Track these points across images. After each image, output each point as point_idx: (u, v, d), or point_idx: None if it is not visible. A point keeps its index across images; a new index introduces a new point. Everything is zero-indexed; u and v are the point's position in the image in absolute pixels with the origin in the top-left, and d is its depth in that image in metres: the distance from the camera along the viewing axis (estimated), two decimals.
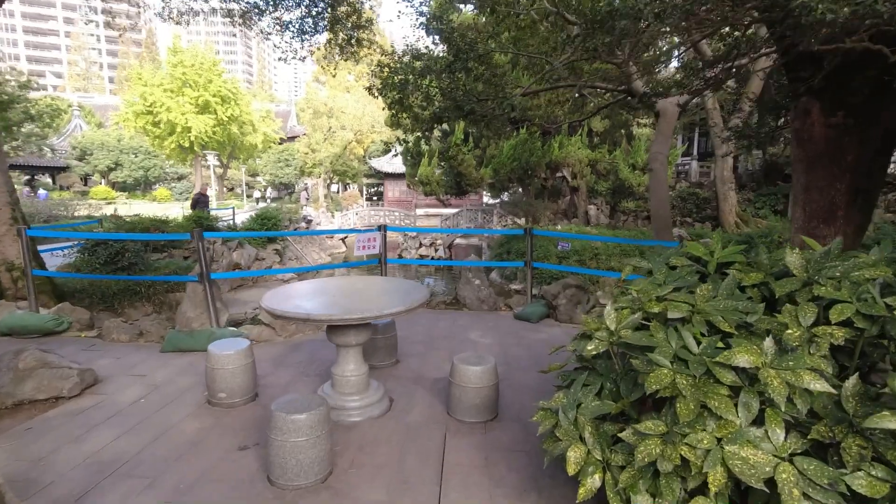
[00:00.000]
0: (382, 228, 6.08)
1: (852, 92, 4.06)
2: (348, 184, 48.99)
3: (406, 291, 3.40)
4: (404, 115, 10.62)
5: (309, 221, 22.98)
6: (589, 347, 2.08)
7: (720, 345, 1.91)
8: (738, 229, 17.50)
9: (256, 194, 43.29)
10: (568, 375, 2.72)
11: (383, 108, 9.86)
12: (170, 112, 27.62)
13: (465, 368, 3.24)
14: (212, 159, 27.45)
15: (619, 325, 2.12)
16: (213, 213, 18.40)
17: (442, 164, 18.46)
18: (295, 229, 21.13)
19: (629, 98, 7.61)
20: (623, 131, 23.83)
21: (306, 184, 44.96)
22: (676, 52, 9.31)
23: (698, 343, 1.94)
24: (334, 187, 52.26)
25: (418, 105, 9.75)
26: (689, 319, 2.06)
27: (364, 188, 47.74)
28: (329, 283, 3.74)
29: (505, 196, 23.76)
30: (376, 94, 9.44)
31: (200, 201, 15.74)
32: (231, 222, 16.94)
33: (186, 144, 29.27)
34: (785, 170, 20.02)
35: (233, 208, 17.96)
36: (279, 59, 12.32)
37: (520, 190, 21.17)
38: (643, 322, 2.12)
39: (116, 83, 74.88)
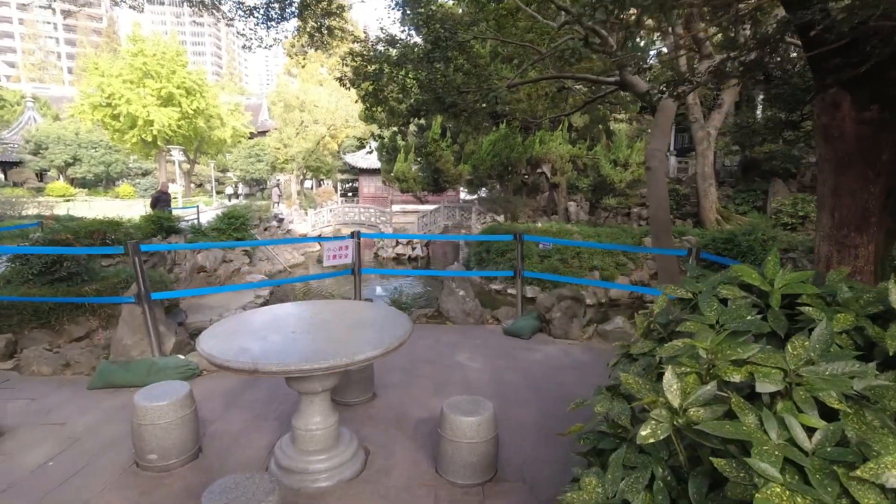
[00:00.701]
0: (355, 235, 5.40)
1: (892, 82, 3.58)
2: (322, 180, 47.77)
3: (384, 324, 2.74)
4: (379, 108, 9.92)
5: (280, 220, 21.99)
6: (643, 433, 1.48)
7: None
8: (719, 226, 17.34)
9: (228, 190, 41.66)
10: (592, 437, 2.12)
11: (356, 101, 9.12)
12: (130, 104, 26.11)
13: (458, 420, 2.61)
14: (177, 155, 26.08)
15: (686, 401, 1.52)
16: (175, 212, 17.30)
17: (419, 159, 17.78)
18: (265, 229, 20.15)
19: (622, 92, 7.10)
20: (601, 126, 23.56)
21: (278, 180, 43.59)
22: (664, 41, 8.85)
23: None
24: (308, 183, 50.89)
25: (394, 98, 9.06)
26: (785, 393, 1.47)
27: (339, 184, 46.59)
28: (289, 312, 3.06)
29: (483, 192, 23.22)
30: (348, 86, 8.71)
31: (161, 200, 14.68)
32: (195, 222, 15.89)
33: (149, 139, 27.79)
34: (762, 166, 20.00)
35: (197, 207, 16.90)
36: (243, 47, 11.42)
37: (497, 186, 20.65)
38: (719, 393, 1.53)
39: (75, 74, 71.36)
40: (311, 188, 48.66)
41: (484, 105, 6.87)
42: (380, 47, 8.81)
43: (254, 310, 3.09)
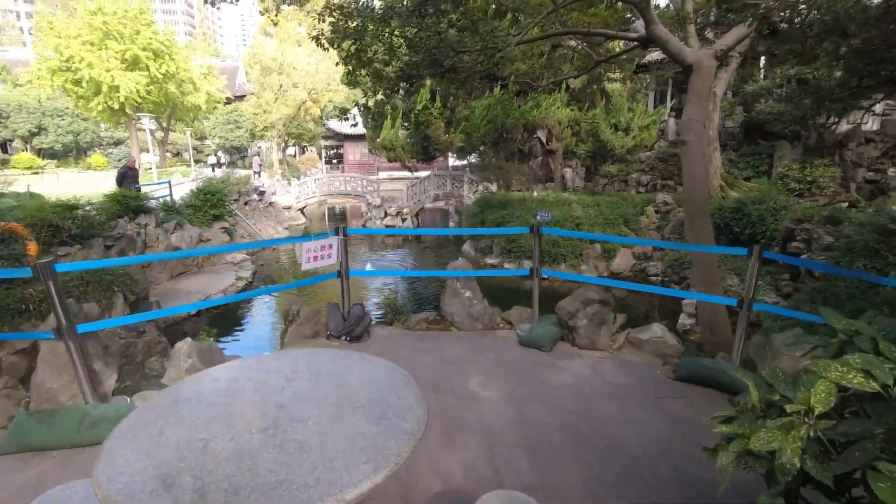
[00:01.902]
0: (341, 232, 4.49)
1: None
2: (305, 147, 45.95)
3: (383, 406, 1.89)
4: (363, 71, 8.78)
5: (262, 193, 20.75)
6: None
7: None
8: (723, 193, 16.58)
9: (211, 160, 39.74)
10: None
11: (337, 64, 7.99)
12: (92, 68, 24.14)
13: None
14: (147, 122, 24.35)
15: None
16: (145, 189, 16.03)
17: (405, 125, 16.54)
18: (245, 203, 18.99)
19: (651, 52, 6.13)
20: (596, 87, 22.32)
21: (260, 147, 41.71)
22: None
23: None
24: (291, 150, 48.99)
25: (380, 59, 7.94)
26: None
27: (323, 151, 44.86)
28: (250, 379, 2.18)
29: (473, 158, 22.09)
30: (326, 46, 7.56)
31: (128, 176, 13.45)
32: (167, 198, 14.72)
33: (116, 106, 25.93)
34: (766, 127, 19.11)
35: (168, 182, 15.66)
36: (205, 1, 10.09)
37: (490, 153, 19.56)
38: None
39: (35, 35, 66.97)
40: (295, 156, 46.86)
41: (490, 66, 5.87)
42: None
43: (201, 375, 2.22)
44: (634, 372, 4.01)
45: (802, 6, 5.85)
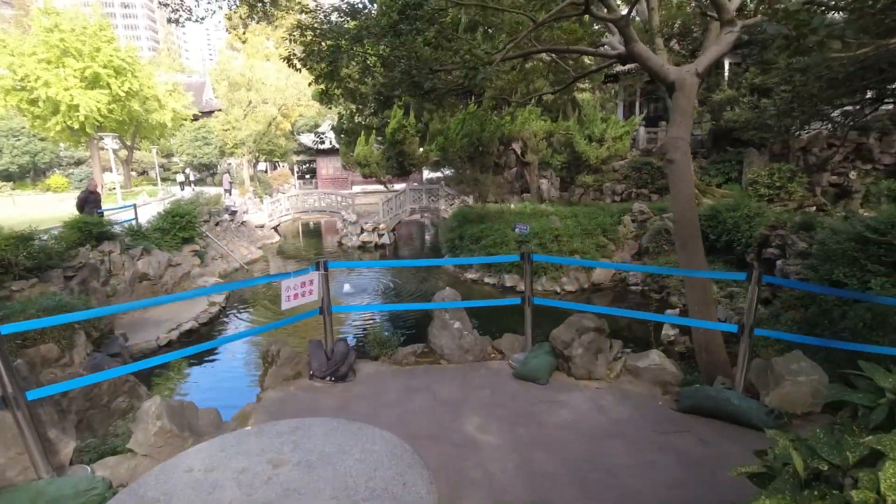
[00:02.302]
0: (321, 266, 4.20)
1: None
2: (277, 162, 45.19)
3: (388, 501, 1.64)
4: (337, 90, 8.54)
5: (233, 213, 20.13)
6: None
7: None
8: (696, 200, 16.85)
9: (180, 178, 38.53)
10: None
11: (310, 84, 7.71)
12: (49, 87, 23.19)
13: None
14: (110, 142, 23.49)
15: None
16: (107, 213, 15.32)
17: (379, 140, 16.29)
18: (216, 224, 18.37)
19: (627, 65, 6.08)
20: (567, 98, 22.56)
21: (230, 164, 40.74)
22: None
23: None
24: (262, 166, 48.06)
25: (354, 78, 7.71)
26: None
27: (295, 166, 44.18)
28: (233, 469, 1.90)
29: (448, 171, 22.00)
30: (298, 67, 7.30)
31: (89, 201, 12.79)
32: (133, 223, 14.09)
33: (76, 126, 24.94)
34: (734, 135, 19.60)
35: (133, 205, 15.01)
36: (169, 20, 9.71)
37: (468, 167, 19.49)
38: None
39: None
40: (266, 171, 46.00)
41: (467, 84, 5.70)
42: (334, 17, 7.39)
43: (171, 466, 1.92)
44: (636, 404, 3.84)
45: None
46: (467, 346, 4.72)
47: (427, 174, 33.71)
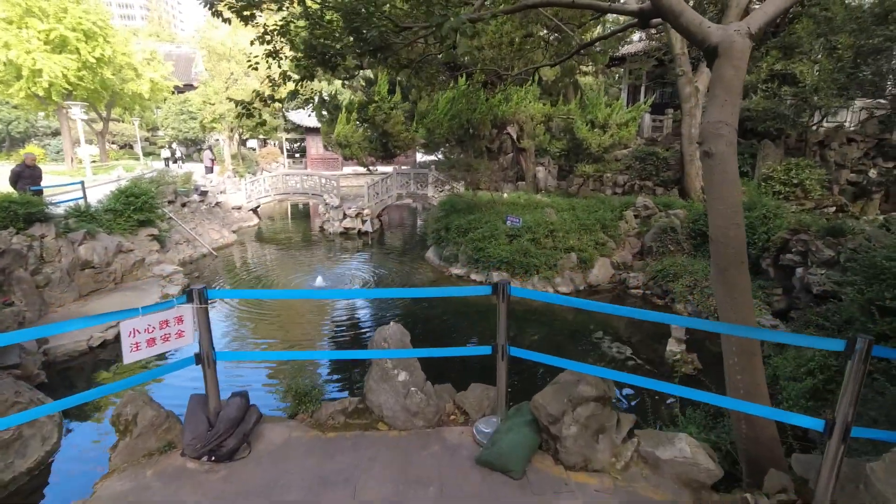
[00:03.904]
0: (195, 297, 2.83)
1: None
2: (266, 139, 43.40)
3: None
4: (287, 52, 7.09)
5: (203, 193, 18.63)
6: None
7: None
8: (704, 196, 15.50)
9: (165, 153, 36.71)
10: None
11: (252, 42, 6.22)
12: (9, 49, 21.39)
13: None
14: (77, 112, 21.74)
15: None
16: (51, 191, 13.87)
17: (361, 120, 14.78)
18: (183, 205, 16.91)
19: (647, 28, 4.71)
20: (569, 80, 21.03)
21: (217, 140, 38.90)
22: None
23: None
24: (253, 143, 46.19)
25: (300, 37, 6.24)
26: None
27: (285, 144, 42.42)
28: None
29: (440, 155, 20.53)
30: (236, 15, 5.85)
31: (24, 176, 11.34)
32: (81, 203, 12.63)
33: (41, 92, 23.19)
34: (747, 125, 18.17)
35: (82, 182, 13.51)
36: None
37: (458, 151, 18.02)
38: None
39: None
40: (256, 149, 44.18)
41: (437, 45, 4.33)
42: None
43: None
44: None
45: None
46: (415, 407, 3.40)
47: (421, 157, 32.11)
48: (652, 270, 12.10)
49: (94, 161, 30.75)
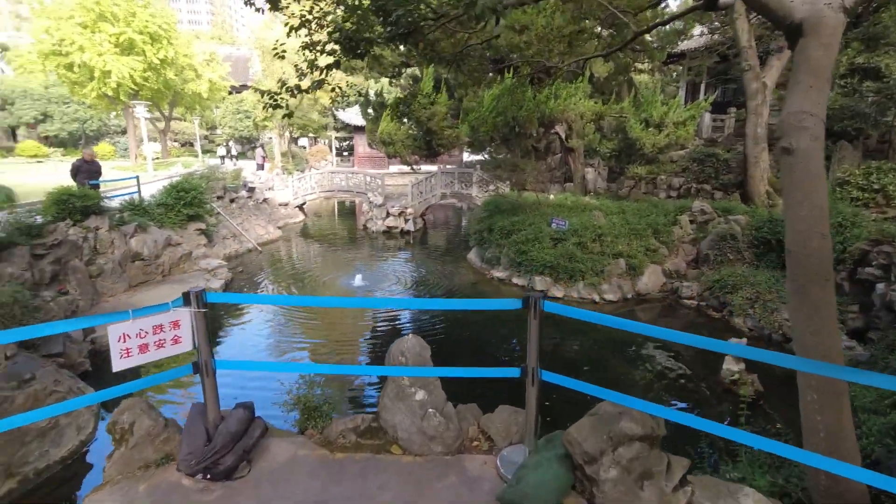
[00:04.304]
0: (194, 301, 2.63)
1: None
2: (316, 138, 44.40)
3: None
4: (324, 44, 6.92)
5: (251, 189, 19.09)
6: None
7: None
8: (770, 200, 14.30)
9: (221, 150, 38.29)
10: None
11: (288, 34, 6.05)
12: (83, 52, 22.77)
13: None
14: (141, 110, 22.89)
15: None
16: (108, 185, 14.50)
17: (404, 118, 14.59)
18: (232, 200, 17.35)
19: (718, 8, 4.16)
20: (623, 77, 20.09)
21: (269, 138, 40.17)
22: None
23: None
24: (304, 142, 47.43)
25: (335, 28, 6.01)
26: None
27: (334, 142, 43.23)
28: None
29: (485, 154, 20.12)
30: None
31: (82, 170, 11.84)
32: (136, 196, 13.13)
33: (110, 92, 24.56)
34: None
35: (137, 177, 14.06)
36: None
37: (505, 150, 17.54)
38: None
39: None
40: (307, 148, 45.32)
41: (477, 34, 3.96)
42: None
43: None
44: None
45: None
46: (433, 431, 3.04)
47: (468, 156, 31.78)
48: (708, 280, 11.21)
49: (156, 157, 32.40)
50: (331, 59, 5.20)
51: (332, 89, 5.94)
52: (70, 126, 39.00)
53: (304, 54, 5.85)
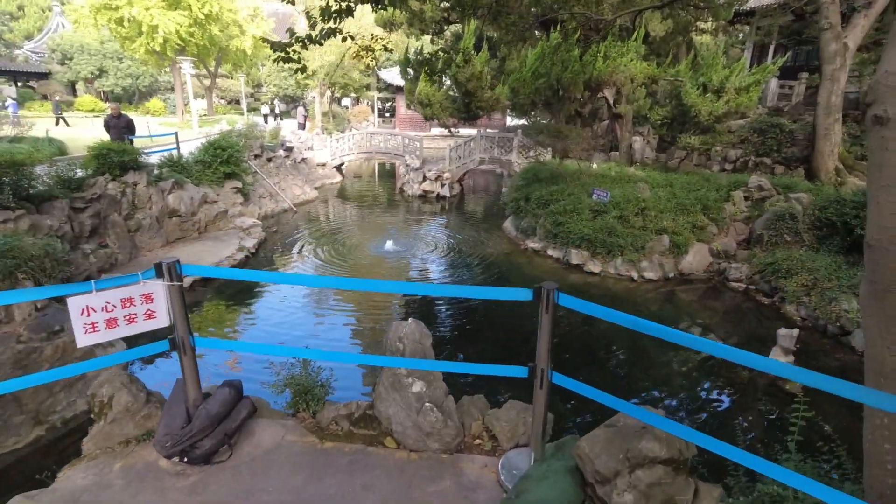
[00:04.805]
0: (167, 272, 2.41)
1: None
2: (358, 98, 44.02)
3: None
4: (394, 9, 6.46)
5: (289, 148, 19.07)
6: None
7: None
8: (839, 178, 13.00)
9: (265, 109, 38.55)
10: None
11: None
12: (132, 6, 22.99)
13: None
14: (187, 67, 23.11)
15: None
16: (147, 141, 14.74)
17: (435, 76, 13.87)
18: (269, 159, 17.39)
19: None
20: (682, 38, 18.54)
21: (313, 97, 40.12)
22: None
23: None
24: (346, 101, 47.16)
25: None
26: None
27: (376, 103, 42.76)
28: None
29: (528, 119, 19.20)
30: None
31: (111, 125, 11.95)
32: (174, 153, 13.29)
33: (156, 47, 24.86)
34: None
35: (175, 134, 14.20)
36: None
37: (543, 113, 16.62)
38: None
39: None
40: (349, 108, 45.08)
41: None
42: None
43: None
44: None
45: None
46: (429, 427, 2.76)
47: (511, 121, 30.65)
48: (760, 262, 10.37)
49: (202, 114, 32.98)
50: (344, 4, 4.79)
51: (344, 39, 5.54)
52: (124, 82, 40.12)
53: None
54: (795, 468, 2.43)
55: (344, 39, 5.46)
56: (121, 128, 11.67)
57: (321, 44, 5.70)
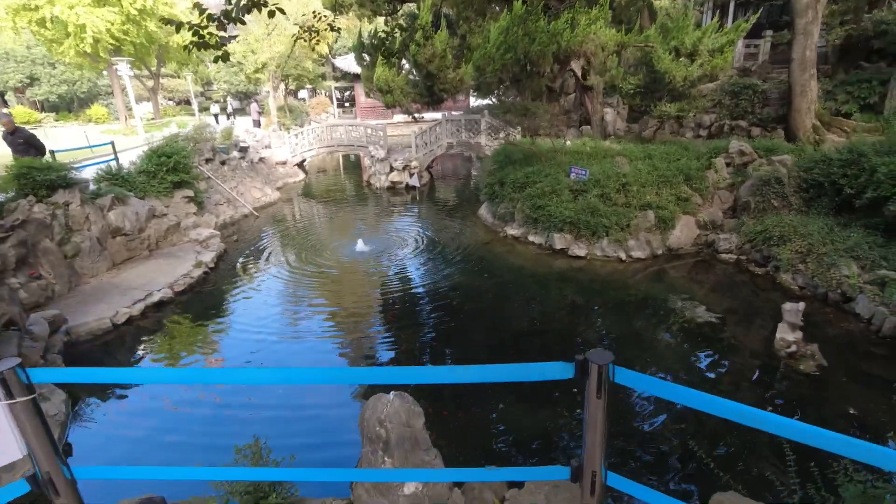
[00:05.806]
0: (14, 386, 1.62)
1: None
2: (315, 89, 42.30)
3: None
4: None
5: (244, 149, 17.80)
6: None
7: None
8: (817, 135, 12.69)
9: (214, 108, 36.33)
10: None
11: None
12: (53, 5, 21.02)
13: None
14: (124, 68, 21.31)
15: None
16: (78, 153, 13.33)
17: (392, 58, 12.90)
18: (222, 163, 16.14)
19: None
20: (643, 2, 17.91)
21: (267, 92, 38.27)
22: None
23: None
24: (303, 94, 45.29)
25: None
26: None
27: (334, 93, 41.17)
28: None
29: (493, 98, 18.38)
30: None
31: (7, 142, 10.18)
32: (113, 164, 12.03)
33: (88, 49, 22.93)
34: (873, 44, 14.68)
35: (112, 143, 12.89)
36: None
37: (514, 93, 15.84)
38: None
39: None
40: (306, 100, 43.30)
41: None
42: None
43: None
44: None
45: None
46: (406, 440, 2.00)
47: (475, 102, 29.75)
48: (749, 231, 9.94)
49: (149, 119, 30.95)
50: None
51: (272, 14, 4.66)
52: (59, 89, 37.48)
53: None
54: None
55: (272, 14, 4.57)
56: (17, 144, 10.00)
57: (243, 22, 4.78)
